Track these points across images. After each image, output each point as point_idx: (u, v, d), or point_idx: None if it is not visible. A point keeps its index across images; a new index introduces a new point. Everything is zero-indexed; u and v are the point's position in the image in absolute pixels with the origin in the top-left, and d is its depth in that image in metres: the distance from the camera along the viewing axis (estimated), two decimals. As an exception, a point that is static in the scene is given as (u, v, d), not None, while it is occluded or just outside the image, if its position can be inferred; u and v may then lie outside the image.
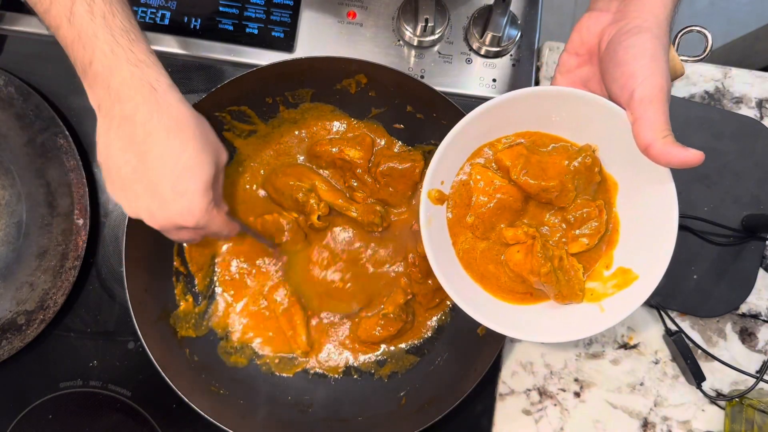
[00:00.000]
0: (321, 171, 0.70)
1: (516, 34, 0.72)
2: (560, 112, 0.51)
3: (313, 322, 0.70)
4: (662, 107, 0.45)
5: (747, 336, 0.71)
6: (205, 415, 0.59)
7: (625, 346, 0.71)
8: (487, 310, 0.54)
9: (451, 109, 0.63)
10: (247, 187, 0.70)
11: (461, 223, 0.55)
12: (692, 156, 0.43)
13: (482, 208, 0.54)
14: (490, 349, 0.62)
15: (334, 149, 0.68)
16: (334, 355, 0.69)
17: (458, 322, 0.69)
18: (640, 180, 0.51)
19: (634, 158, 0.47)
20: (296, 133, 0.71)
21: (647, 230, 0.53)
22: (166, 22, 0.72)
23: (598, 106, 0.49)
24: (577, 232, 0.55)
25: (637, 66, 0.45)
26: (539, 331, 0.53)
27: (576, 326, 0.53)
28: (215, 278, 0.69)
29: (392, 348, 0.69)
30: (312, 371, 0.68)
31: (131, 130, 0.49)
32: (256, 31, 0.72)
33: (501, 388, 0.70)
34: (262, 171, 0.70)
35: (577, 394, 0.70)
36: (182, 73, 0.72)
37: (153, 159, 0.49)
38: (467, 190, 0.55)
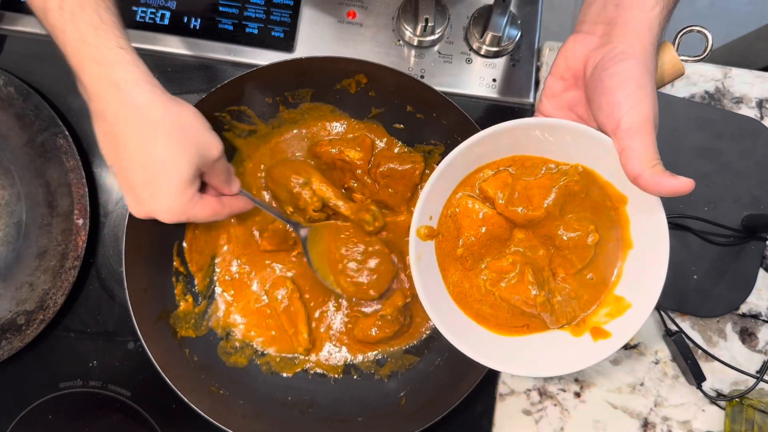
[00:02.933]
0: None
1: (516, 34, 0.72)
2: (547, 137, 0.50)
3: (316, 314, 0.69)
4: (649, 137, 0.43)
5: (747, 336, 0.71)
6: (205, 415, 0.59)
7: (625, 346, 0.71)
8: (482, 345, 0.53)
9: (451, 109, 0.63)
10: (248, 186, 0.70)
11: (451, 256, 0.54)
12: (682, 184, 0.42)
13: (470, 240, 0.53)
14: (490, 349, 0.62)
15: (334, 150, 0.68)
16: (335, 353, 0.69)
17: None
18: (639, 199, 0.49)
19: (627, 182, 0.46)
20: (296, 132, 0.71)
21: (641, 257, 0.51)
22: (166, 22, 0.72)
23: (584, 135, 0.48)
24: (568, 254, 0.53)
25: (623, 95, 0.44)
26: (537, 365, 0.52)
27: (571, 359, 0.52)
28: (215, 278, 0.69)
29: (391, 348, 0.69)
30: (312, 371, 0.68)
31: (106, 128, 0.50)
32: (255, 31, 0.72)
33: (501, 388, 0.70)
34: (260, 172, 0.70)
35: (577, 395, 0.70)
36: (182, 73, 0.72)
37: (125, 159, 0.50)
38: (455, 222, 0.54)
